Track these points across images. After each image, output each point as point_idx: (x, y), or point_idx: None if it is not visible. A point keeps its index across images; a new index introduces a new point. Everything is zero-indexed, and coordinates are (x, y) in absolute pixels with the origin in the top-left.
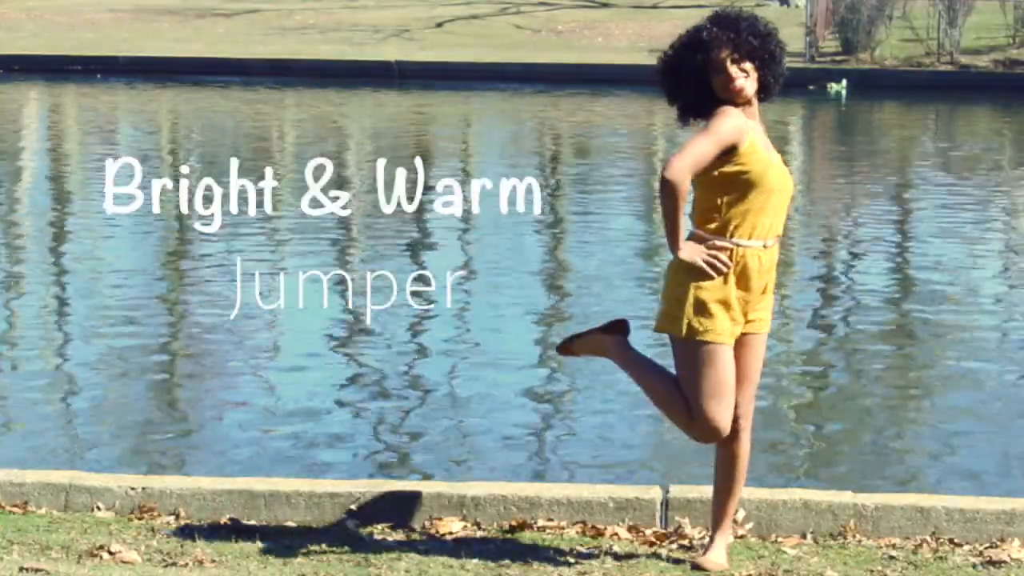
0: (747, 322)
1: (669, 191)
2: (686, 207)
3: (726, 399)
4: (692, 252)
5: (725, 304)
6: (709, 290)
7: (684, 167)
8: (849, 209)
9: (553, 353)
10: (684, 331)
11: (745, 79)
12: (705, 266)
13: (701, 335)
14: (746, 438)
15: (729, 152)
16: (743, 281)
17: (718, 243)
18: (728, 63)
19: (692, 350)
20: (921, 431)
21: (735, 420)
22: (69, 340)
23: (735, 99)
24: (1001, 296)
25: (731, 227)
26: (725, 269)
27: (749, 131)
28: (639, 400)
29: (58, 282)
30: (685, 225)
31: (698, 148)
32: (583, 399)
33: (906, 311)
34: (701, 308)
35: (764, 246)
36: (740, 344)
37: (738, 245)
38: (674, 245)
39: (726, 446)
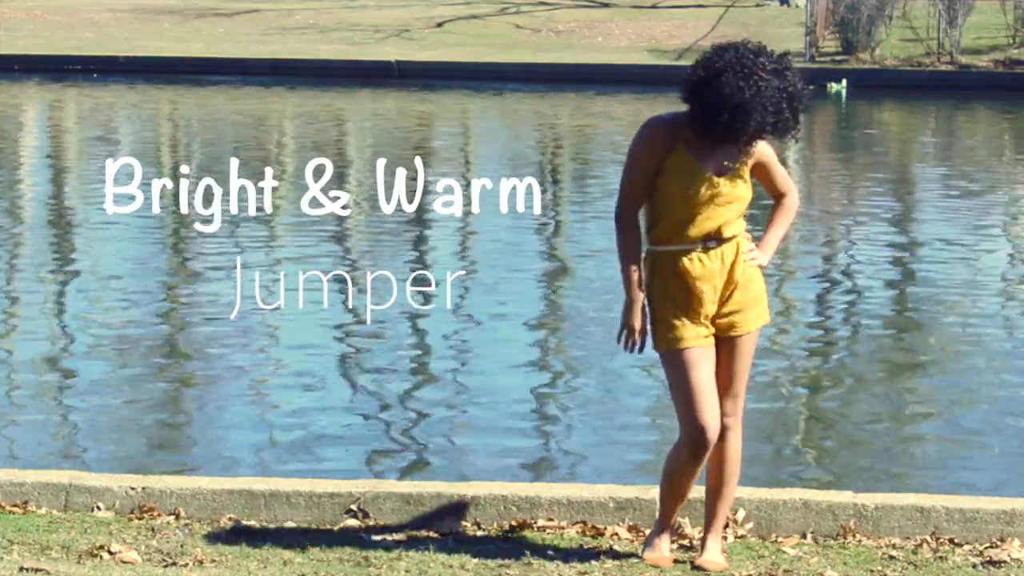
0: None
1: None
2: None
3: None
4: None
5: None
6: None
7: None
8: (848, 208)
9: (552, 353)
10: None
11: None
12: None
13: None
14: (733, 438)
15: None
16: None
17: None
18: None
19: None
20: (921, 431)
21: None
22: (69, 340)
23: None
24: (1003, 297)
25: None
26: None
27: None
28: (639, 400)
29: (58, 282)
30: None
31: None
32: (583, 399)
33: (907, 311)
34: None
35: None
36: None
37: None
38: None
39: (715, 446)
